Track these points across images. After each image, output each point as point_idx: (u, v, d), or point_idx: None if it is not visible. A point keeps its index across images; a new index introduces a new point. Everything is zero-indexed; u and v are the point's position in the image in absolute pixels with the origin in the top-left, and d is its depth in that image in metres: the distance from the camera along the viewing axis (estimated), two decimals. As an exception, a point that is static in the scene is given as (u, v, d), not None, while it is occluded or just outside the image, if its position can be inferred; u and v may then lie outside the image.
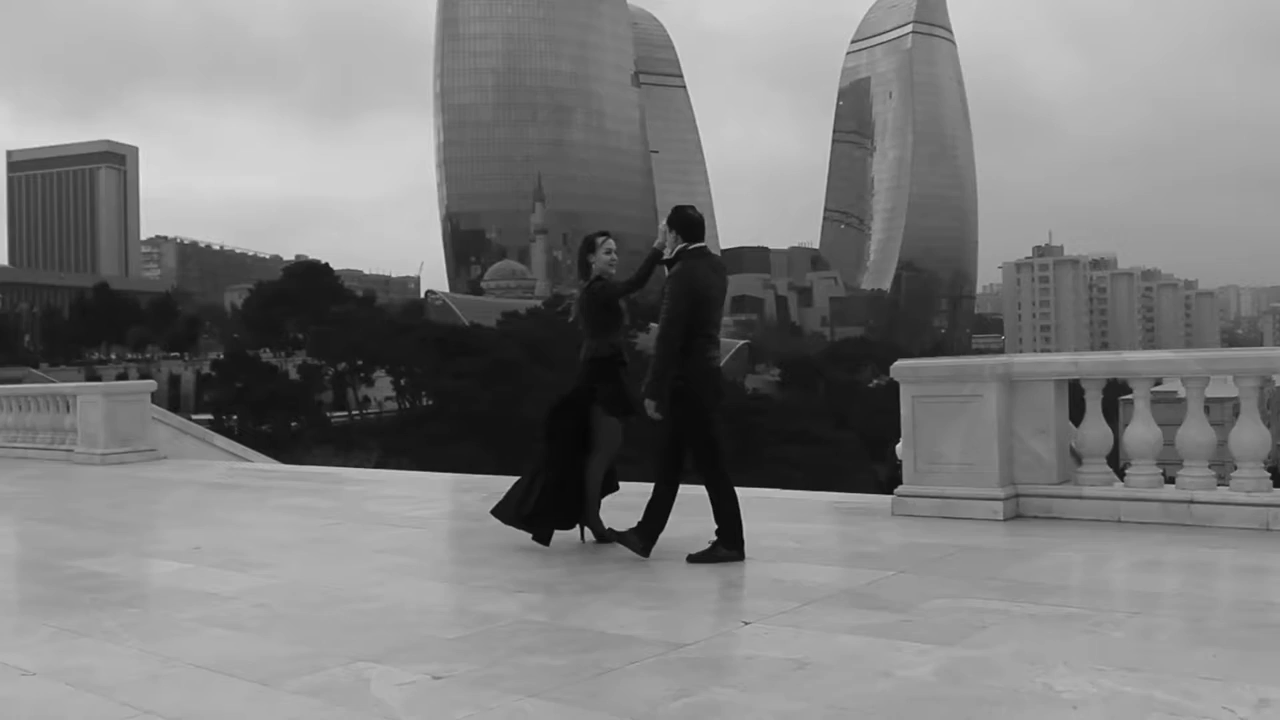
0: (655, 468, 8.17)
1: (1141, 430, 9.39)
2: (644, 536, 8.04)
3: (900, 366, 10.15)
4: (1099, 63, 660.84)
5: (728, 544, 7.95)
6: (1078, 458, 9.98)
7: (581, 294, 8.79)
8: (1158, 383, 10.17)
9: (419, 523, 10.59)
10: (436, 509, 11.82)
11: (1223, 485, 8.96)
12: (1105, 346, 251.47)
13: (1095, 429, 9.66)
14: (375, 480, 16.21)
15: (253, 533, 10.55)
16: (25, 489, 15.75)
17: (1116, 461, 9.76)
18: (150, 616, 6.95)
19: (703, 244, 8.30)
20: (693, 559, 7.87)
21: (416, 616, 6.67)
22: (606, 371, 8.62)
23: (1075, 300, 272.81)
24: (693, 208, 8.44)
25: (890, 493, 10.37)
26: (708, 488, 8.04)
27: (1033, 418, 9.68)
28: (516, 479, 8.89)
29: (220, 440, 21.33)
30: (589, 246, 8.84)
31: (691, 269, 8.14)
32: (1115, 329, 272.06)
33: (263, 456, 21.17)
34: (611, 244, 8.96)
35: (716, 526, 7.96)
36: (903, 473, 10.13)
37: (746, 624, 6.11)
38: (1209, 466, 9.06)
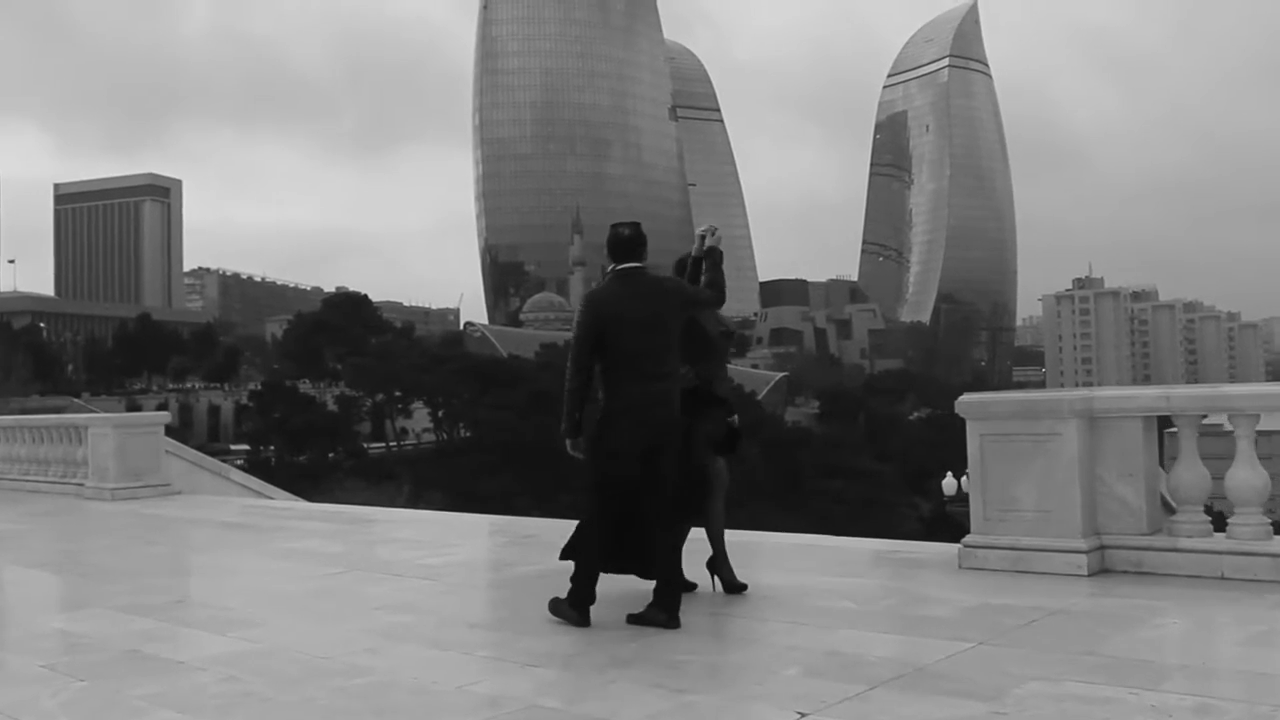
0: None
1: (1246, 474, 8.23)
2: (665, 608, 6.99)
3: (967, 401, 9.03)
4: (1134, 95, 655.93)
5: (570, 598, 7.03)
6: (1169, 506, 8.85)
7: None
8: (1203, 416, 9.01)
9: (429, 573, 9.54)
10: (451, 556, 10.78)
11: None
12: (1148, 379, 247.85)
13: (1191, 472, 8.49)
14: (393, 521, 15.19)
15: (247, 582, 9.55)
16: (26, 526, 14.89)
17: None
18: (97, 692, 5.93)
19: (633, 264, 7.24)
20: (631, 619, 6.99)
21: (407, 697, 5.62)
22: (689, 406, 7.65)
23: (1116, 332, 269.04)
24: (627, 225, 7.36)
25: (934, 528, 9.26)
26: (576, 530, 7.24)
27: (1119, 459, 8.53)
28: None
29: (237, 475, 20.43)
30: (678, 268, 7.98)
31: (593, 296, 7.31)
32: (1157, 361, 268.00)
33: (283, 492, 20.24)
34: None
35: (655, 584, 7.03)
36: (970, 520, 9.00)
37: (803, 716, 5.02)
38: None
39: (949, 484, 35.12)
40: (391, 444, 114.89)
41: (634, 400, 7.04)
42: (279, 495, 19.79)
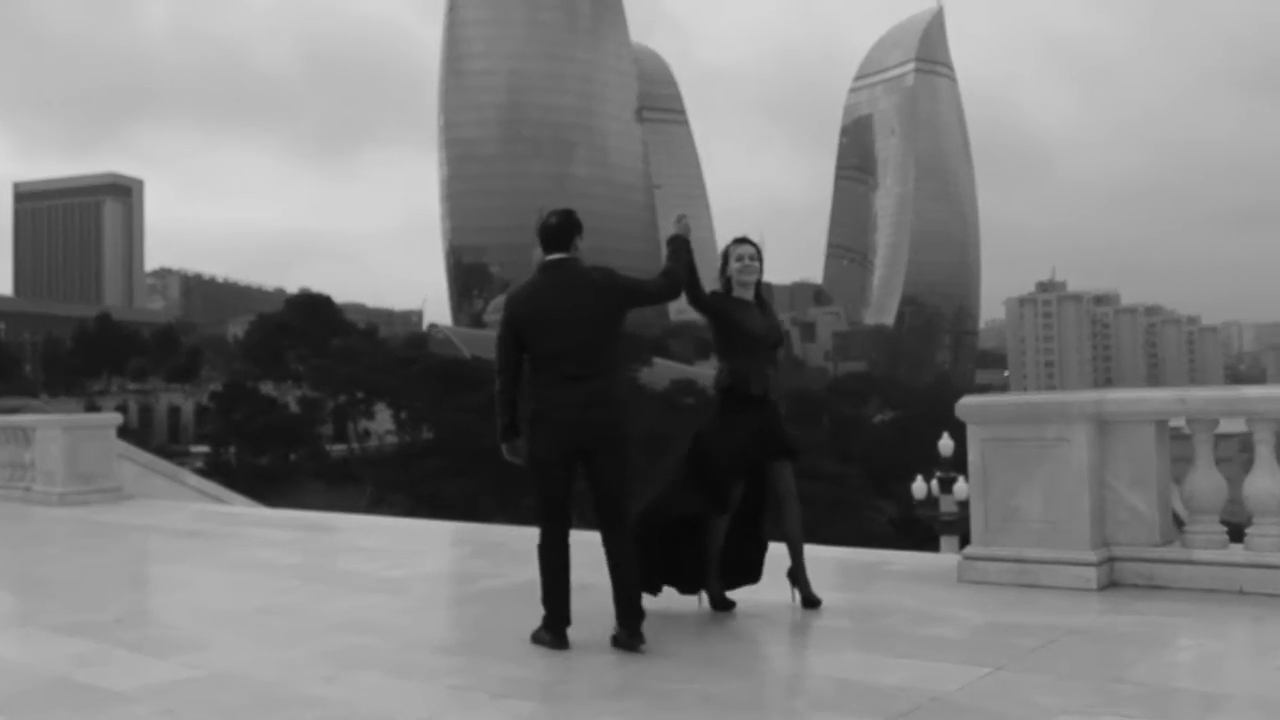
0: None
1: (1266, 482, 7.72)
2: (624, 625, 6.39)
3: (968, 405, 8.48)
4: (1097, 102, 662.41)
5: (544, 621, 6.47)
6: (1177, 519, 8.35)
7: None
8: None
9: (393, 587, 8.89)
10: (416, 567, 10.14)
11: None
12: (1109, 383, 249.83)
13: (1207, 480, 7.98)
14: (355, 528, 14.50)
15: (194, 597, 8.85)
16: (-35, 534, 14.10)
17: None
18: (13, 732, 5.28)
19: (562, 254, 6.63)
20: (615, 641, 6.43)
21: (366, 735, 5.01)
22: (726, 404, 7.15)
23: (1079, 336, 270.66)
24: (557, 213, 6.77)
25: (903, 531, 8.74)
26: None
27: (1129, 465, 8.00)
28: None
29: (192, 479, 19.66)
30: (724, 258, 7.41)
31: (511, 293, 6.75)
32: (1119, 365, 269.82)
33: (240, 497, 19.51)
34: (745, 249, 7.43)
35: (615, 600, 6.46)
36: (971, 530, 8.46)
37: (818, 760, 4.44)
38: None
39: (919, 487, 34.67)
40: (354, 446, 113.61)
41: (551, 404, 6.43)
42: (236, 500, 19.06)
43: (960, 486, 32.69)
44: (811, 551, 9.88)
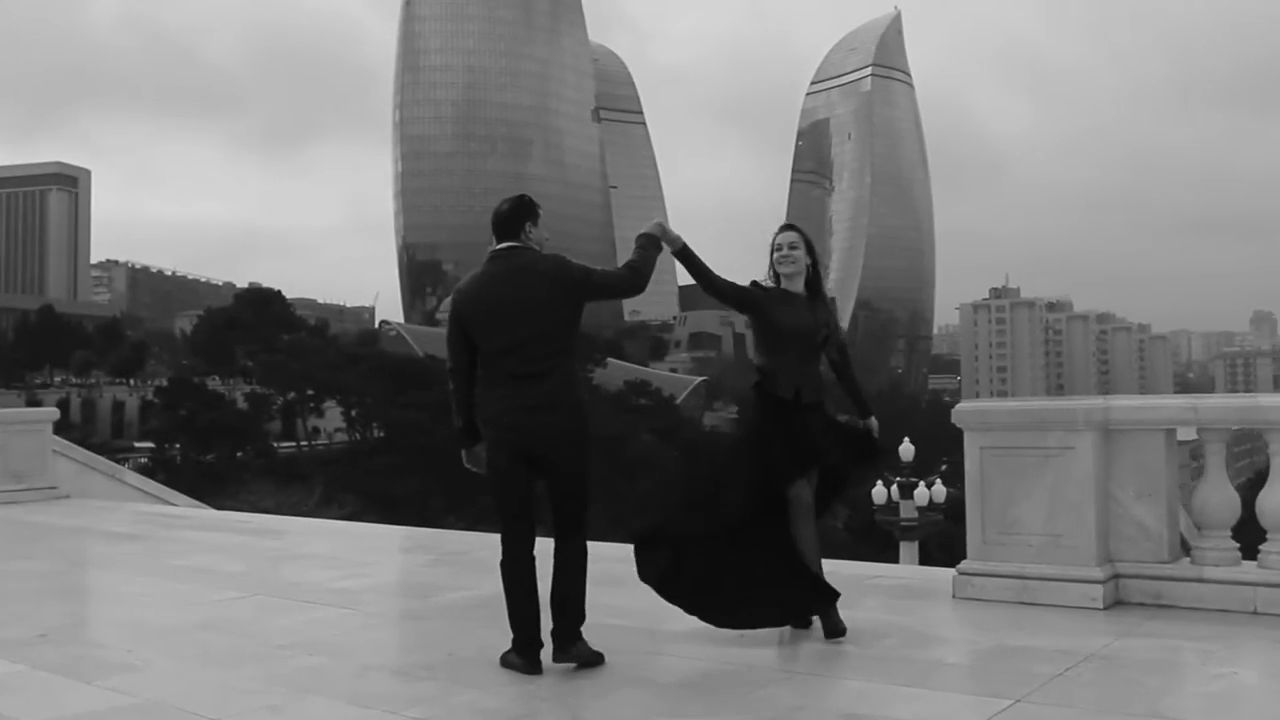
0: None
1: (1283, 496, 7.27)
2: (560, 639, 5.88)
3: (965, 410, 7.95)
4: (1052, 111, 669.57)
5: (513, 643, 5.88)
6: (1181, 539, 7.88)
7: None
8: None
9: (347, 599, 8.22)
10: (370, 577, 9.48)
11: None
12: (1060, 389, 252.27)
13: (1218, 493, 7.52)
14: (304, 532, 13.80)
15: (128, 610, 8.14)
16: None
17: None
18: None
19: (512, 243, 6.00)
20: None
21: (317, 781, 4.38)
22: (762, 406, 6.58)
23: (1031, 342, 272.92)
24: (510, 198, 6.17)
25: (861, 537, 8.23)
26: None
27: (1137, 477, 7.51)
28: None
29: (132, 477, 18.81)
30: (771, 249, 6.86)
31: (458, 286, 6.15)
32: (1071, 371, 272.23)
33: (182, 497, 18.65)
34: (784, 237, 6.88)
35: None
36: (967, 544, 7.94)
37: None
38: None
39: (879, 493, 34.22)
40: (303, 444, 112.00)
41: (497, 406, 5.86)
42: (178, 500, 18.22)
43: (921, 492, 32.38)
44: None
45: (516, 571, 5.90)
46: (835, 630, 6.40)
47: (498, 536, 6.01)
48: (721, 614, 6.34)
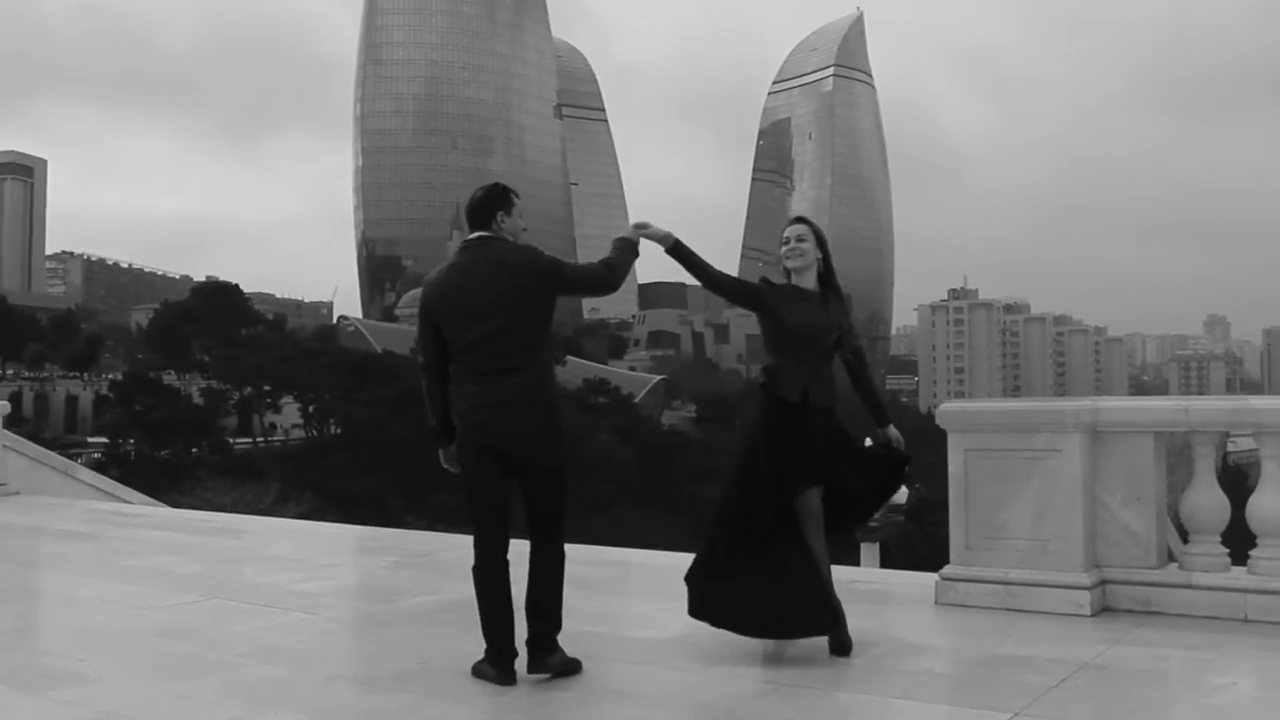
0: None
1: (1274, 500, 7.11)
2: (534, 654, 5.61)
3: (949, 411, 7.76)
4: (1011, 114, 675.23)
5: (488, 657, 5.59)
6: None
7: None
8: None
9: (308, 603, 7.90)
10: (332, 579, 9.16)
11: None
12: (1018, 390, 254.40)
13: (1208, 497, 7.36)
14: (263, 531, 13.43)
15: (78, 615, 7.77)
16: None
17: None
18: None
19: (483, 233, 5.73)
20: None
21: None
22: (769, 408, 6.25)
23: (989, 344, 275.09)
24: (484, 186, 5.94)
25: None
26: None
27: (1125, 480, 7.35)
28: None
29: (85, 474, 18.31)
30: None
31: (429, 277, 5.84)
32: (1027, 373, 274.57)
33: (137, 494, 18.17)
34: (792, 230, 6.59)
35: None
36: (950, 548, 7.74)
37: None
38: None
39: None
40: (259, 440, 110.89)
41: (466, 403, 5.59)
42: (133, 497, 17.75)
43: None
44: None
45: (489, 577, 5.62)
46: (842, 648, 6.10)
47: (460, 537, 5.75)
48: (754, 625, 6.04)
